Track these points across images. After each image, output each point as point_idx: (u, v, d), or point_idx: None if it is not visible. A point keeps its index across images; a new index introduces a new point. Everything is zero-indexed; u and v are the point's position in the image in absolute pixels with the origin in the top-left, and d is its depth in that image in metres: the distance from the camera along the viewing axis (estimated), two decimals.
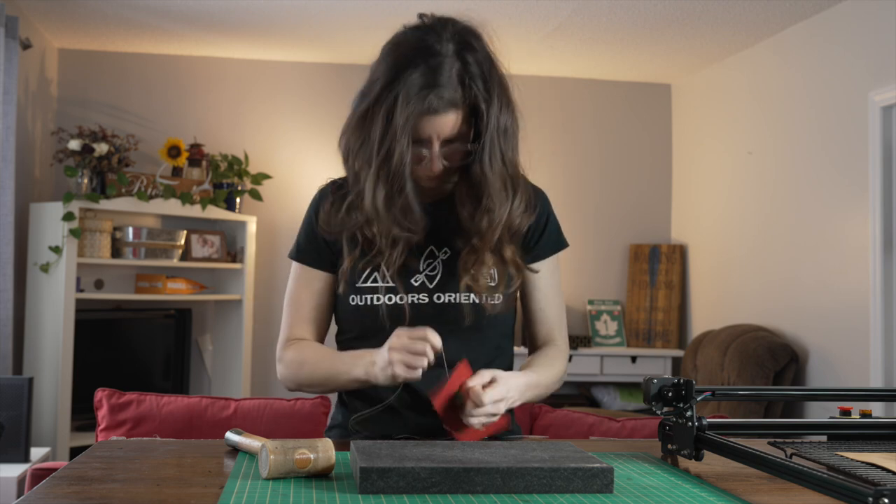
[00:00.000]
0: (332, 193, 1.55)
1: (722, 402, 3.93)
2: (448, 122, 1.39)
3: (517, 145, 1.48)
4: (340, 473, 1.11)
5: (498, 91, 1.43)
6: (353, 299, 1.51)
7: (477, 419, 1.34)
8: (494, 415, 1.36)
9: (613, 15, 4.15)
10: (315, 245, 1.57)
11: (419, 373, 1.35)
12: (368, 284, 1.50)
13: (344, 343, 1.58)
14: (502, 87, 1.44)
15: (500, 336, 1.57)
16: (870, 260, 3.61)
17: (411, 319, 1.46)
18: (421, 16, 1.46)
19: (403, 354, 1.34)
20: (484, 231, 1.46)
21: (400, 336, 1.37)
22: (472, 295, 1.48)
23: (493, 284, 1.50)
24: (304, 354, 1.54)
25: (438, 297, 1.49)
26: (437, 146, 1.41)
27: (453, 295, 1.49)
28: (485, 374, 1.37)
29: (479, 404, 1.33)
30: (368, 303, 1.50)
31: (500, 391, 1.36)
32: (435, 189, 1.51)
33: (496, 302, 1.50)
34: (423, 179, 1.47)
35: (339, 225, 1.50)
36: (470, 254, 1.48)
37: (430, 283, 1.50)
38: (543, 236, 1.59)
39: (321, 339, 1.61)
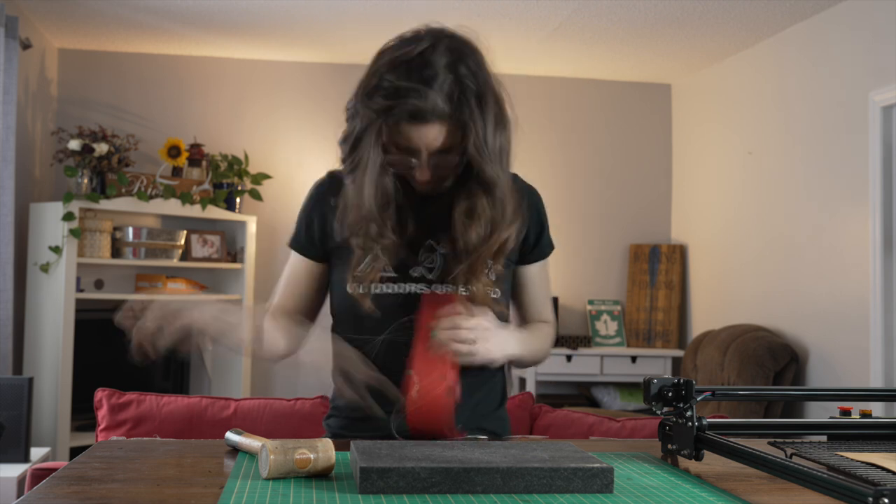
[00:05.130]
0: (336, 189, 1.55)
1: (722, 402, 3.93)
2: (435, 133, 1.37)
3: (509, 163, 1.47)
4: (340, 473, 1.11)
5: (493, 109, 1.40)
6: (349, 287, 1.50)
7: (447, 335, 1.35)
8: (465, 338, 1.36)
9: (613, 15, 4.15)
10: (307, 235, 1.59)
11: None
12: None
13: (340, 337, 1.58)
14: (497, 104, 1.42)
15: None
16: (870, 260, 3.61)
17: (411, 309, 1.45)
18: (416, 30, 1.43)
19: None
20: (475, 246, 1.45)
21: None
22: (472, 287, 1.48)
23: (494, 292, 1.50)
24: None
25: (437, 289, 1.49)
26: (425, 156, 1.40)
27: (452, 287, 1.48)
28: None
29: (453, 326, 1.36)
30: (362, 290, 1.49)
31: (474, 319, 1.38)
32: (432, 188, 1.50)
33: (496, 296, 1.50)
34: (417, 184, 1.46)
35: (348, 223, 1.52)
36: (463, 267, 1.48)
37: (429, 275, 1.50)
38: (542, 239, 1.59)
39: (302, 315, 1.63)
